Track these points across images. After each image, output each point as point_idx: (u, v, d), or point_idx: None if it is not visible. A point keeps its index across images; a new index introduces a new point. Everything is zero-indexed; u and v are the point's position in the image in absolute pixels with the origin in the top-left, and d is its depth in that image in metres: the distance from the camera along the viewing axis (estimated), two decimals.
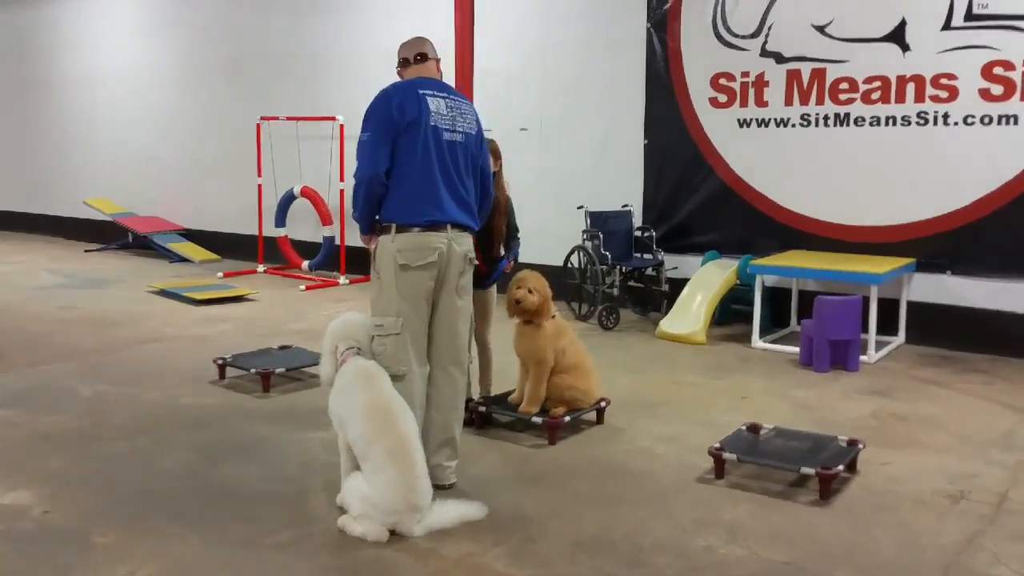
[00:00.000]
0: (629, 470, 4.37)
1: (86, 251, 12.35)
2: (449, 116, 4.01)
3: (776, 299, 7.66)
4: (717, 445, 4.29)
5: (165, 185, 12.29)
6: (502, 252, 4.97)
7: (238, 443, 4.71)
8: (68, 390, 5.62)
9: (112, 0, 12.56)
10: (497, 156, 4.85)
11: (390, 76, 3.94)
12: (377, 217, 3.95)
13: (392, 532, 3.57)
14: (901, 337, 7.03)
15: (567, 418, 4.78)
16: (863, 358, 6.42)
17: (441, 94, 4.05)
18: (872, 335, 6.53)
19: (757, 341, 7.00)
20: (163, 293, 8.96)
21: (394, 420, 3.65)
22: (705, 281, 7.49)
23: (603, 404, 5.05)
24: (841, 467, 4.08)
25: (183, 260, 11.34)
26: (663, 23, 8.07)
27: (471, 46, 9.09)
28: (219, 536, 3.59)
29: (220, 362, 5.87)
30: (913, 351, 6.86)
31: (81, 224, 13.24)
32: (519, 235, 5.10)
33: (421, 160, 3.88)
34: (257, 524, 3.71)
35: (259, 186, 10.42)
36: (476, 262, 4.19)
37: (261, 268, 10.52)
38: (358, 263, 10.04)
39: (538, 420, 4.74)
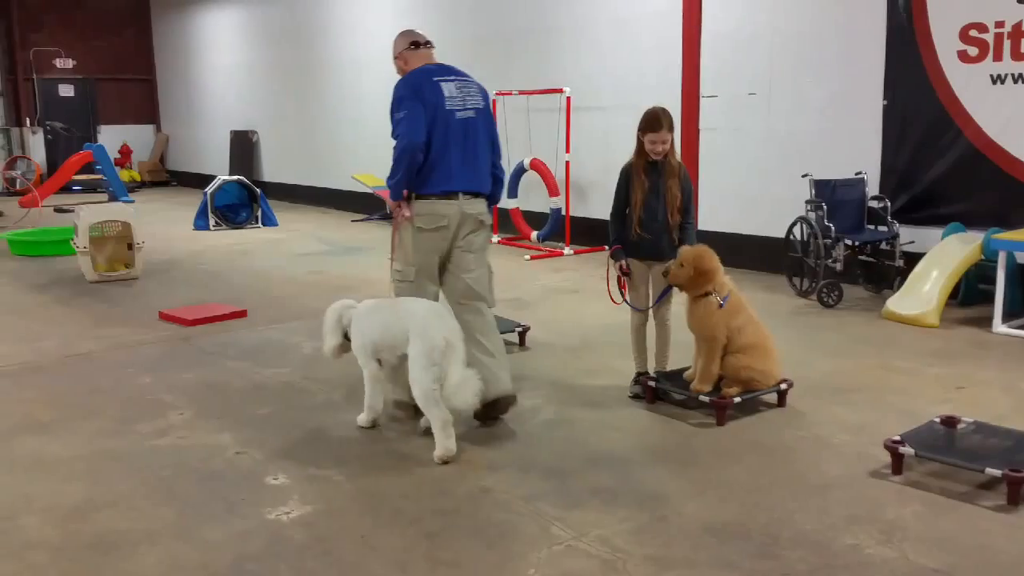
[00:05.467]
0: (795, 457, 4.11)
1: (352, 221, 13.49)
2: (460, 97, 4.58)
3: None
4: (896, 438, 3.91)
5: None
6: (679, 220, 4.79)
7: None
8: (293, 346, 6.23)
9: None
10: (671, 127, 4.69)
11: (620, 45, 3.86)
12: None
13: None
14: None
15: (738, 399, 4.56)
16: None
17: (450, 77, 4.64)
18: None
19: (999, 326, 6.22)
20: None
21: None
22: (943, 257, 6.75)
23: (784, 386, 4.76)
24: None
25: None
26: None
27: (699, 9, 8.82)
28: (373, 486, 3.86)
29: None
30: None
31: (351, 196, 14.47)
32: (692, 225, 4.86)
33: (440, 139, 4.45)
34: (409, 477, 3.94)
35: None
36: (488, 222, 4.71)
37: (495, 238, 10.92)
38: (583, 234, 10.16)
39: (706, 399, 4.57)
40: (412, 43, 4.84)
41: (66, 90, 20.00)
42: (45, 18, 19.42)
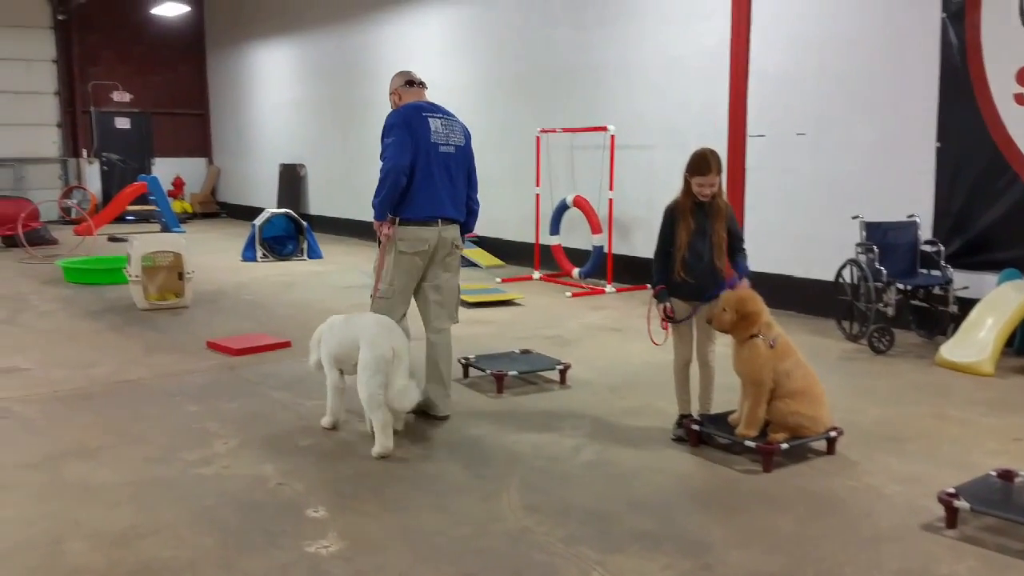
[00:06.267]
0: (845, 508, 4.00)
1: None
2: (444, 133, 5.11)
3: None
4: (950, 490, 3.79)
5: None
6: (725, 262, 4.75)
7: (456, 438, 4.98)
8: None
9: (424, 25, 13.77)
10: (720, 169, 4.65)
11: (666, 83, 3.86)
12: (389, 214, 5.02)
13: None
14: None
15: (785, 445, 4.47)
16: None
17: (438, 115, 5.16)
18: None
19: None
20: None
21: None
22: (998, 303, 6.59)
23: (833, 433, 4.65)
24: None
25: (472, 265, 12.09)
26: (961, 13, 7.22)
27: (747, 48, 8.83)
28: (412, 522, 3.84)
29: (464, 361, 6.22)
30: None
31: None
32: (745, 249, 4.82)
33: (423, 169, 4.98)
34: (447, 515, 3.90)
35: (537, 196, 10.85)
36: (461, 246, 5.25)
37: (536, 275, 10.94)
38: (625, 272, 10.11)
39: (752, 444, 4.49)
40: (407, 82, 5.37)
41: (122, 123, 20.57)
42: (104, 53, 20.05)
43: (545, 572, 3.38)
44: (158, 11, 19.27)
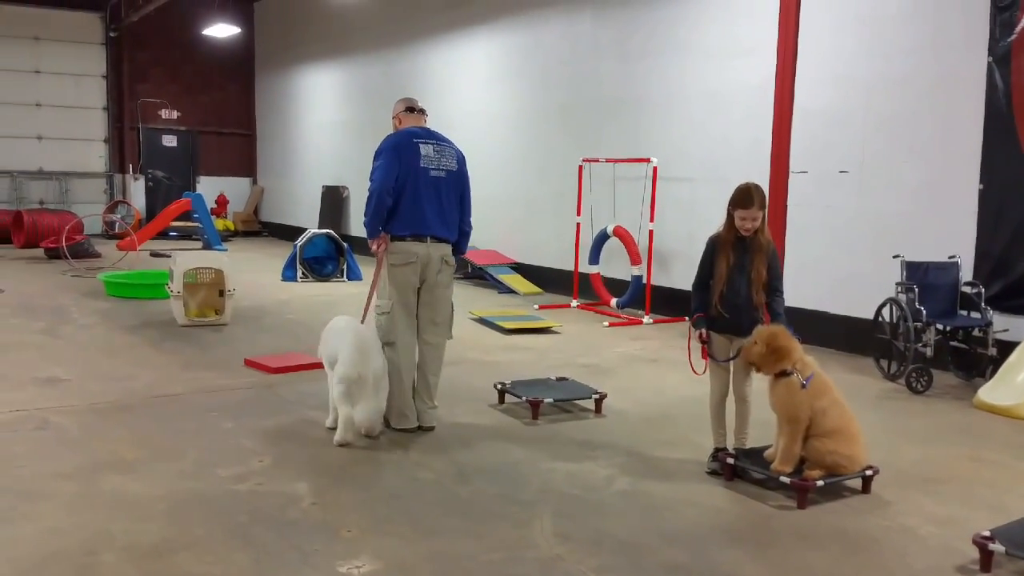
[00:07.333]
0: (878, 548, 3.95)
1: None
2: (436, 158, 5.42)
3: None
4: (985, 533, 3.74)
5: (502, 221, 13.24)
6: (763, 299, 4.74)
7: (491, 463, 4.99)
8: None
9: (471, 53, 13.95)
10: (763, 204, 4.66)
11: (710, 117, 3.92)
12: (382, 230, 5.36)
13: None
14: None
15: (821, 482, 4.43)
16: None
17: (431, 141, 5.48)
18: None
19: None
20: (480, 320, 9.68)
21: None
22: None
23: (869, 472, 4.60)
24: None
25: (510, 291, 12.14)
26: (1007, 57, 7.18)
27: (792, 85, 8.83)
28: (444, 546, 3.85)
29: (499, 387, 6.25)
30: None
31: None
32: (782, 291, 4.80)
33: (412, 192, 5.33)
34: (480, 540, 3.92)
35: (577, 225, 10.89)
36: (452, 263, 5.54)
37: (574, 303, 10.95)
38: (664, 303, 10.09)
39: (787, 480, 4.45)
40: (408, 108, 5.72)
41: (169, 140, 21.02)
42: (153, 71, 20.53)
43: None
44: (209, 32, 19.70)
